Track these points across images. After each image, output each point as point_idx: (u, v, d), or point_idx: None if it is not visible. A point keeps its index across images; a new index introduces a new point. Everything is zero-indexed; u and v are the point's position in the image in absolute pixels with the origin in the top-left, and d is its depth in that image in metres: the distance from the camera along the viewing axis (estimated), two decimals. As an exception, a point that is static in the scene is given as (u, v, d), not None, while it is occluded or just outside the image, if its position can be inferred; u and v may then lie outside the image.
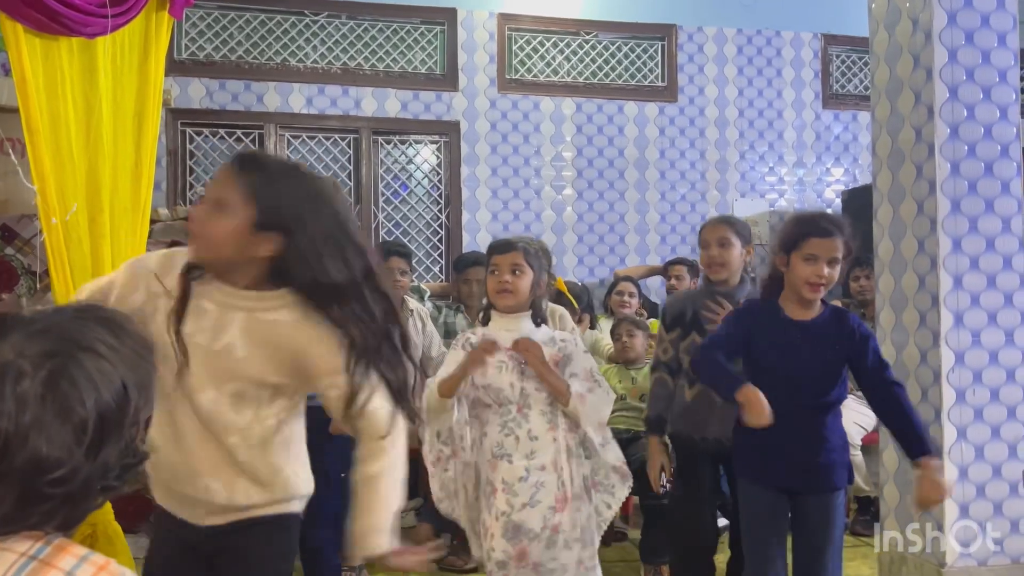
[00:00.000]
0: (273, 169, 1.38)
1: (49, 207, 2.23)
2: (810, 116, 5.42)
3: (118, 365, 0.86)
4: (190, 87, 4.60)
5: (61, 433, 0.81)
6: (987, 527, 2.83)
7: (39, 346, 0.84)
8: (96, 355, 0.86)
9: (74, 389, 0.83)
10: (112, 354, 0.87)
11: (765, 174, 5.36)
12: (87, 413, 0.83)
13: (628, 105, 5.16)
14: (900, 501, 2.98)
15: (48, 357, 0.83)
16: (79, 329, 0.87)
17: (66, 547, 0.85)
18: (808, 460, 2.08)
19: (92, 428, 0.83)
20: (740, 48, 5.33)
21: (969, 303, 2.84)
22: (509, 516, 1.93)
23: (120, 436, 0.86)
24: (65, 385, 0.83)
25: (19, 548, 0.83)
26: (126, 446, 0.87)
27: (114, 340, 0.88)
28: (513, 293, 2.03)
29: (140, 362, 0.90)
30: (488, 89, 4.96)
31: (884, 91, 3.09)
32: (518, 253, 2.04)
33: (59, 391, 0.82)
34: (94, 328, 0.88)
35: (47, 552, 0.83)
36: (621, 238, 5.13)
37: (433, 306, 4.09)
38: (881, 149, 3.11)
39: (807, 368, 2.07)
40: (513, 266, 2.03)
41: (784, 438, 2.04)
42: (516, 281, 2.02)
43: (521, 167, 5.00)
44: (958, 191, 2.85)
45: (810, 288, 2.04)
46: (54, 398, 0.82)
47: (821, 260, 2.02)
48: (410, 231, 4.94)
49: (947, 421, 2.82)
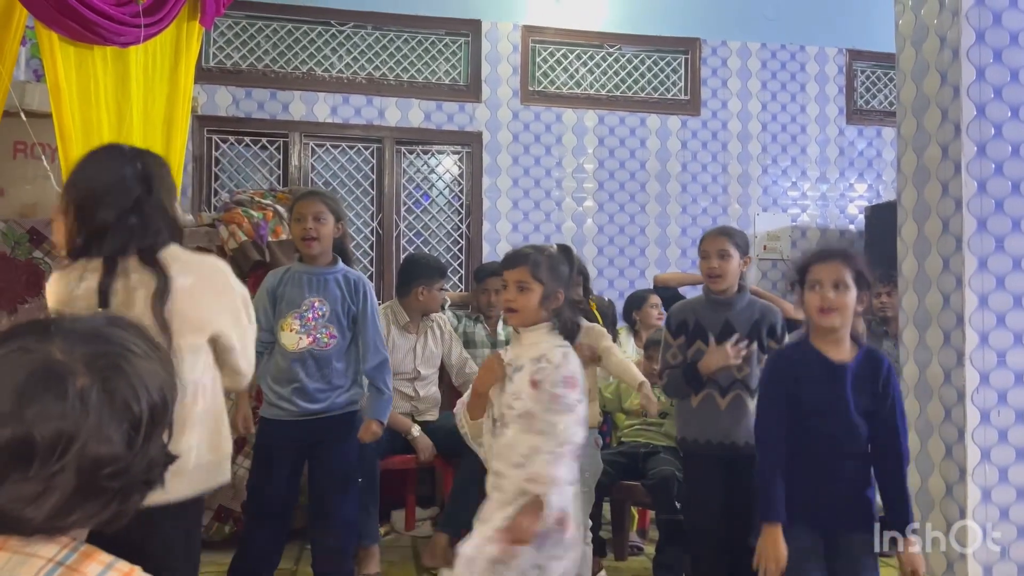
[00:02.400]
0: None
1: (79, 212, 2.26)
2: (834, 131, 5.40)
3: (156, 367, 0.90)
4: (217, 95, 4.66)
5: (119, 430, 0.85)
6: (1010, 550, 2.79)
7: (88, 348, 0.86)
8: (139, 357, 0.89)
9: (129, 388, 0.86)
10: (148, 355, 0.91)
11: (787, 189, 5.34)
12: (141, 411, 0.86)
13: (650, 118, 5.16)
14: (922, 520, 2.94)
15: (99, 359, 0.86)
16: (118, 334, 0.91)
17: (92, 554, 0.86)
18: (851, 499, 2.09)
19: (144, 425, 0.86)
20: (764, 62, 5.32)
21: (995, 323, 2.80)
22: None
23: (162, 432, 0.90)
24: (122, 384, 0.86)
25: (46, 553, 0.84)
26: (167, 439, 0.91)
27: (145, 345, 0.92)
28: (519, 312, 1.97)
29: (165, 363, 0.94)
30: (511, 100, 4.98)
31: (910, 108, 3.07)
32: (524, 269, 1.97)
33: (117, 390, 0.85)
34: (127, 333, 0.92)
35: (74, 558, 0.85)
36: (642, 251, 5.12)
37: (453, 315, 4.10)
38: (906, 166, 3.09)
39: (850, 412, 2.07)
40: (519, 283, 1.97)
41: (830, 482, 2.06)
42: (520, 298, 1.96)
43: (542, 178, 5.02)
44: (984, 210, 2.82)
45: (820, 314, 2.05)
46: (112, 397, 0.85)
47: (825, 284, 2.04)
48: (431, 240, 4.96)
49: (971, 442, 2.78)
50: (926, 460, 2.94)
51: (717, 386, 2.58)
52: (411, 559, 3.52)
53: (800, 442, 2.11)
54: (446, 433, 3.52)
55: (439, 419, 3.61)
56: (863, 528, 2.10)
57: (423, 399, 3.58)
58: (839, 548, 2.11)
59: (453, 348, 3.75)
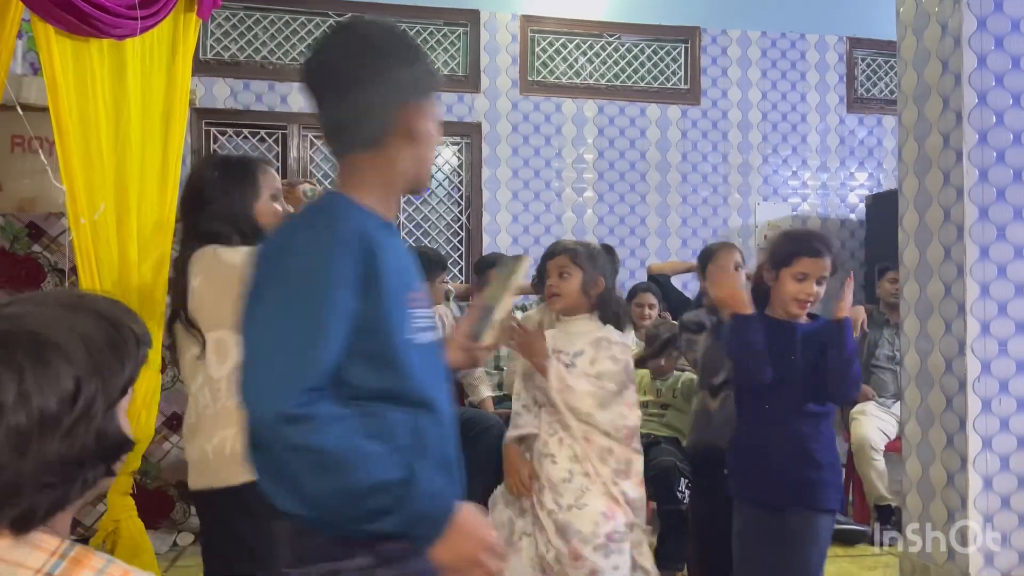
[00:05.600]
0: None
1: (78, 207, 2.25)
2: (834, 120, 5.38)
3: (72, 355, 0.83)
4: (215, 87, 4.64)
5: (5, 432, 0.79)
6: (1011, 538, 2.79)
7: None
8: (45, 346, 0.82)
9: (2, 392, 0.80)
10: (69, 342, 0.83)
11: (788, 178, 5.32)
12: (11, 412, 0.80)
13: (650, 108, 5.14)
14: (923, 510, 2.94)
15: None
16: (34, 315, 0.84)
17: (83, 560, 0.83)
18: (795, 473, 2.07)
19: (19, 426, 0.80)
20: (764, 51, 5.30)
21: (996, 312, 2.80)
22: (556, 515, 1.94)
23: (58, 433, 0.82)
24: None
25: (32, 563, 0.81)
26: (77, 438, 0.83)
27: (76, 322, 0.84)
28: (561, 296, 2.06)
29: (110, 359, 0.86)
30: (510, 91, 4.96)
31: (911, 96, 3.05)
32: (564, 256, 2.07)
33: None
34: (52, 311, 0.85)
35: (62, 567, 0.81)
36: (642, 241, 5.11)
37: (457, 306, 4.10)
38: (908, 155, 3.08)
39: (796, 371, 2.07)
40: (560, 270, 2.07)
41: (772, 447, 2.06)
42: (563, 284, 2.06)
43: (542, 169, 5.00)
44: (986, 198, 2.81)
45: (797, 305, 2.09)
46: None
47: (811, 279, 2.07)
48: (431, 232, 4.95)
49: (972, 431, 2.78)
50: (927, 449, 2.94)
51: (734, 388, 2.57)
52: (413, 550, 3.53)
53: (750, 410, 2.13)
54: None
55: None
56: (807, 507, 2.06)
57: (425, 392, 3.57)
58: (779, 527, 2.09)
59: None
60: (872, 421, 3.84)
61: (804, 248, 2.09)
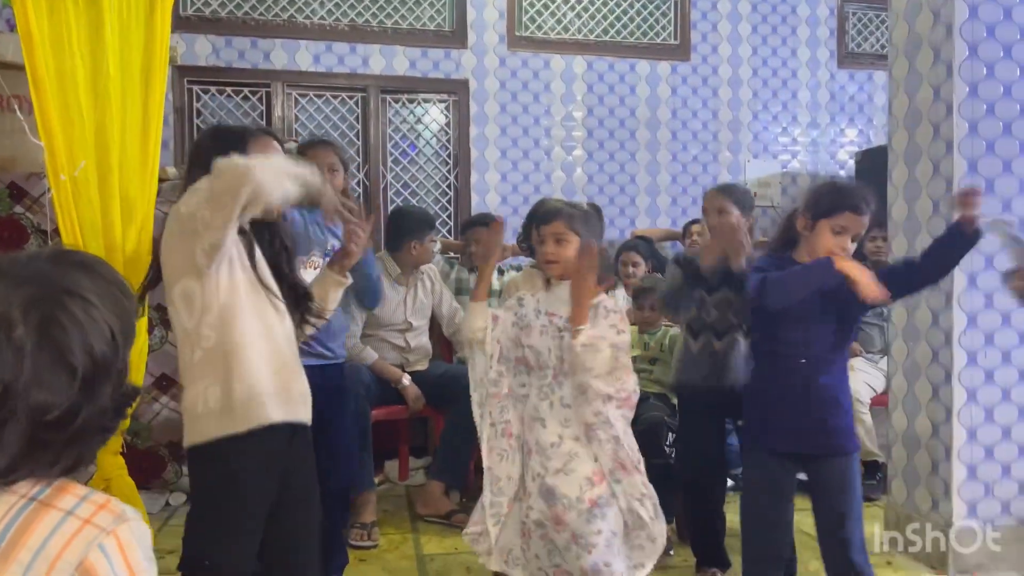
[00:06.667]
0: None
1: (57, 164, 2.21)
2: (825, 76, 5.33)
3: (103, 308, 0.89)
4: (196, 44, 4.55)
5: (57, 379, 0.85)
6: (994, 488, 2.84)
7: (25, 293, 0.85)
8: (82, 300, 0.88)
9: (65, 335, 0.85)
10: (95, 298, 0.89)
11: (778, 135, 5.29)
12: (80, 358, 0.86)
13: (640, 63, 5.08)
14: (908, 463, 2.99)
15: (36, 304, 0.85)
16: (60, 275, 0.89)
17: (67, 487, 0.87)
18: (824, 422, 2.09)
19: (85, 372, 0.86)
20: (754, 5, 5.22)
21: (983, 264, 2.81)
22: (543, 479, 1.93)
23: (111, 376, 0.89)
24: (57, 332, 0.85)
25: (21, 490, 0.85)
26: (118, 385, 0.90)
27: (92, 283, 0.90)
28: (559, 263, 2.04)
29: (120, 303, 0.92)
30: (498, 46, 4.89)
31: (902, 48, 3.03)
32: (560, 223, 2.04)
33: (52, 338, 0.85)
34: (72, 273, 0.90)
35: (47, 493, 0.86)
36: (632, 200, 5.09)
37: (445, 260, 4.09)
38: (898, 109, 3.06)
39: (821, 319, 2.07)
40: (556, 236, 2.04)
41: (804, 398, 2.06)
42: (560, 251, 2.03)
43: (531, 127, 4.95)
44: (975, 151, 2.80)
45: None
46: (48, 345, 0.84)
47: (848, 234, 2.04)
48: (418, 192, 4.91)
49: (957, 383, 2.81)
50: (913, 401, 2.98)
51: (713, 331, 2.60)
52: (405, 508, 3.57)
53: (777, 360, 2.13)
54: (436, 383, 3.54)
55: (429, 369, 3.62)
56: (838, 453, 2.11)
57: (414, 350, 3.58)
58: (813, 476, 2.13)
59: (443, 299, 3.75)
60: (859, 375, 3.87)
61: (850, 203, 2.04)
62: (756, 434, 2.18)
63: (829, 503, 2.11)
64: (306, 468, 1.78)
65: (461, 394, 3.45)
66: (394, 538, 3.17)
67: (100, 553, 0.83)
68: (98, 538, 0.84)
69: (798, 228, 2.12)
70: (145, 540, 0.89)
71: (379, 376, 3.43)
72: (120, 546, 0.85)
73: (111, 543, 0.84)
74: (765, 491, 2.15)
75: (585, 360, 1.91)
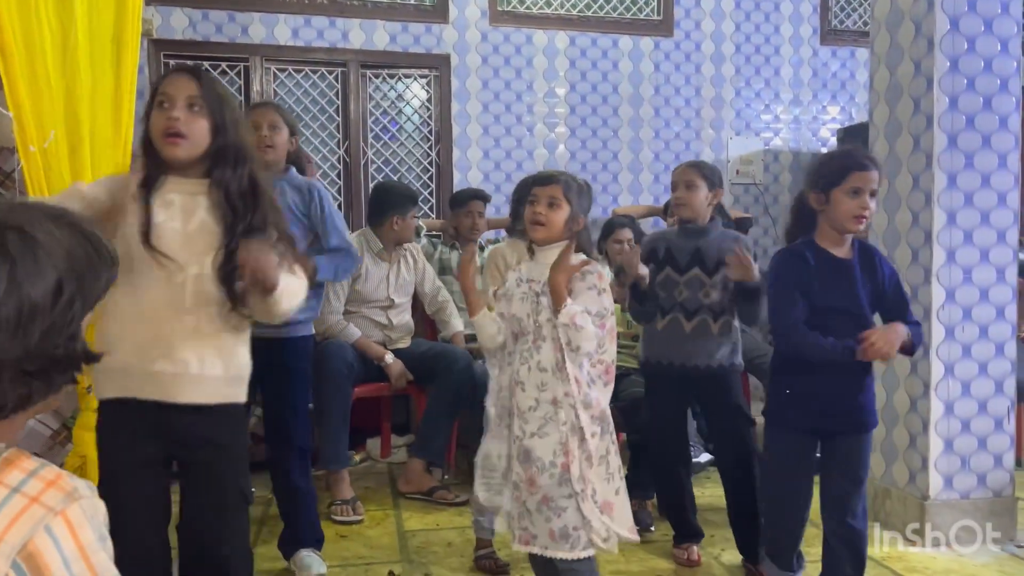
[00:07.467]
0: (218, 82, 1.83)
1: (26, 134, 2.16)
2: (807, 52, 5.32)
3: (52, 256, 0.86)
4: (172, 17, 4.46)
5: (9, 313, 0.83)
6: (970, 461, 2.87)
7: None
8: (28, 240, 0.85)
9: (21, 271, 0.84)
10: (48, 243, 0.86)
11: (760, 112, 5.28)
12: (33, 296, 0.84)
13: (623, 39, 5.04)
14: (887, 437, 3.01)
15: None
16: (19, 216, 0.87)
17: (15, 461, 0.83)
18: (850, 400, 2.12)
19: (16, 313, 0.83)
20: (738, -20, 5.20)
21: (962, 240, 2.82)
22: (521, 441, 1.94)
23: (48, 323, 0.86)
24: (6, 269, 0.83)
25: None
26: (56, 335, 0.87)
27: (54, 231, 0.88)
28: (546, 226, 2.02)
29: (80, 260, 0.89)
30: (479, 21, 4.83)
31: (884, 23, 3.02)
32: (557, 186, 2.02)
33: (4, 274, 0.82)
34: (35, 218, 0.88)
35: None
36: (614, 177, 5.07)
37: (428, 242, 4.06)
38: (879, 83, 3.05)
39: (857, 306, 2.09)
40: (550, 198, 2.02)
41: (832, 379, 2.08)
42: (550, 214, 2.01)
43: (513, 103, 4.91)
44: (955, 126, 2.81)
45: (855, 221, 2.06)
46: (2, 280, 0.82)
47: (864, 193, 2.04)
48: (400, 168, 4.87)
49: (935, 357, 2.83)
50: (892, 375, 3.00)
51: (683, 310, 2.60)
52: (387, 485, 3.56)
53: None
54: (418, 360, 3.53)
55: (412, 346, 3.60)
56: (860, 430, 2.16)
57: (396, 327, 3.56)
58: (830, 451, 2.16)
59: (426, 277, 3.73)
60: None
61: (853, 162, 2.06)
62: (782, 411, 2.19)
63: (842, 473, 2.15)
64: (209, 448, 1.70)
65: (443, 372, 3.47)
66: (376, 515, 3.17)
67: (46, 536, 0.78)
68: (45, 519, 0.79)
69: (813, 206, 2.11)
70: (98, 517, 0.84)
71: (362, 353, 3.41)
72: (70, 526, 0.80)
73: (59, 524, 0.79)
74: (790, 467, 2.18)
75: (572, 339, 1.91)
